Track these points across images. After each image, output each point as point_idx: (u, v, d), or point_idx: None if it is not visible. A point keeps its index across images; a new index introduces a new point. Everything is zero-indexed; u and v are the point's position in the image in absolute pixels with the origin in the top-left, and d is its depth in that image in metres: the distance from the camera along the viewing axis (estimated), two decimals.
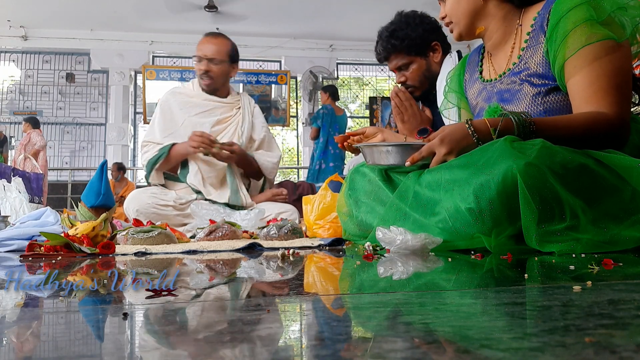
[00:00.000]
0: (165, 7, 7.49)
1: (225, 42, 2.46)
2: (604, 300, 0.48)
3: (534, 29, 1.23)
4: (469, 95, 1.47)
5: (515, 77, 1.26)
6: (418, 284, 0.70)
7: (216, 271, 0.92)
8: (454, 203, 1.01)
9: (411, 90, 1.93)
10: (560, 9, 1.15)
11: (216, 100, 2.46)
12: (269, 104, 8.85)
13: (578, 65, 1.12)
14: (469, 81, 1.48)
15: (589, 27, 1.10)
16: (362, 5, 7.34)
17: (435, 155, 1.13)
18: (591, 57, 1.10)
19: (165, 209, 2.16)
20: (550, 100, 1.21)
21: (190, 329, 0.43)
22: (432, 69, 1.90)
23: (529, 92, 1.23)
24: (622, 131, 1.11)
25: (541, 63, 1.20)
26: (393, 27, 1.87)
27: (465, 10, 1.31)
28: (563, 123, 1.10)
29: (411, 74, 1.90)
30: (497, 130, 1.08)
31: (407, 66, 1.90)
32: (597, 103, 1.10)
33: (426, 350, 0.34)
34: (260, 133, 2.52)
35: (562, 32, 1.13)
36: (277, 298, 0.59)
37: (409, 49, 1.86)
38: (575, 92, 1.14)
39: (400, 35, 1.84)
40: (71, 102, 8.84)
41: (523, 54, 1.25)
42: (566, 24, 1.12)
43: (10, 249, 1.36)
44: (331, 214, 1.70)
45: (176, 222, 2.15)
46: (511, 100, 1.27)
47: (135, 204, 2.15)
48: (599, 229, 0.94)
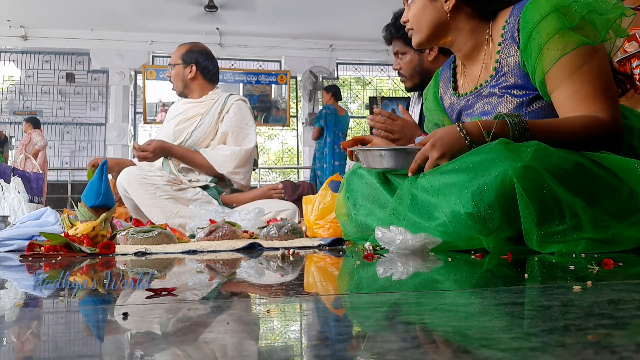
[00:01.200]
0: (165, 7, 7.48)
1: (182, 47, 2.61)
2: (604, 300, 0.48)
3: (505, 39, 1.20)
4: (446, 107, 1.45)
5: (494, 89, 1.23)
6: (418, 283, 0.70)
7: (216, 271, 0.92)
8: (452, 207, 1.01)
9: (403, 79, 2.03)
10: (529, 20, 1.12)
11: (190, 102, 2.59)
12: (269, 104, 8.85)
13: (559, 77, 1.09)
14: (444, 96, 1.46)
15: (562, 36, 1.07)
16: (362, 5, 7.33)
17: (429, 160, 1.12)
18: (570, 66, 1.08)
19: (153, 179, 2.23)
20: (535, 109, 1.19)
21: (190, 329, 0.43)
22: (424, 66, 1.96)
23: (512, 102, 1.21)
24: (617, 134, 1.09)
25: (518, 74, 1.18)
26: (397, 14, 1.94)
27: (429, 21, 1.27)
28: (557, 126, 1.09)
29: (405, 64, 1.98)
30: (491, 133, 1.07)
31: (403, 55, 1.98)
32: (586, 109, 1.08)
33: (426, 350, 0.34)
34: (223, 127, 2.52)
35: (537, 46, 1.10)
36: (277, 298, 0.59)
37: (405, 39, 1.90)
38: (561, 102, 1.11)
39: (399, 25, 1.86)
40: (71, 102, 8.84)
41: (498, 66, 1.22)
42: (539, 37, 1.10)
43: (10, 249, 1.36)
44: (331, 214, 1.70)
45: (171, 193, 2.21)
46: (493, 112, 1.24)
47: (124, 178, 2.23)
48: (600, 228, 0.94)
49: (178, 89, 2.58)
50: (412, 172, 1.16)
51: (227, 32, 8.36)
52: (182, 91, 2.58)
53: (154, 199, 2.15)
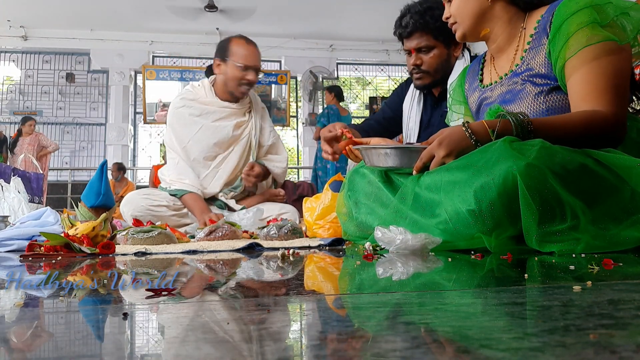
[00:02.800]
0: (165, 7, 7.49)
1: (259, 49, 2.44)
2: (604, 300, 0.48)
3: (537, 31, 1.24)
4: (470, 103, 1.48)
5: (517, 78, 1.27)
6: (418, 283, 0.70)
7: (216, 271, 0.92)
8: (454, 205, 1.01)
9: (421, 76, 1.84)
10: (564, 12, 1.16)
11: (232, 107, 2.40)
12: (269, 104, 8.85)
13: (577, 65, 1.13)
14: (469, 90, 1.50)
15: (591, 29, 1.11)
16: (362, 5, 7.34)
17: (435, 158, 1.13)
18: (591, 56, 1.12)
19: (159, 210, 2.14)
20: (552, 99, 1.21)
21: (190, 329, 0.43)
22: (450, 62, 1.84)
23: (531, 91, 1.23)
24: (617, 129, 1.12)
25: (543, 64, 1.21)
26: (429, 4, 1.75)
27: (471, 11, 1.31)
28: (560, 122, 1.11)
29: (430, 59, 1.80)
30: (495, 131, 1.08)
31: (429, 49, 1.79)
32: (593, 101, 1.11)
33: (426, 350, 0.34)
34: (268, 138, 2.48)
35: (565, 34, 1.14)
36: (277, 298, 0.59)
37: (438, 32, 1.75)
38: (574, 90, 1.15)
39: (436, 15, 1.72)
40: (71, 102, 8.84)
41: (525, 55, 1.26)
42: (569, 26, 1.14)
43: (10, 249, 1.36)
44: (331, 214, 1.70)
45: (172, 222, 2.13)
46: (513, 101, 1.27)
47: (130, 207, 2.14)
48: (599, 229, 0.94)
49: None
50: (417, 171, 1.16)
51: (227, 32, 8.34)
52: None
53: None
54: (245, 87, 2.34)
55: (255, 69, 2.33)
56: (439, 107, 1.91)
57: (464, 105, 1.53)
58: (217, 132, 2.31)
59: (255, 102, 2.49)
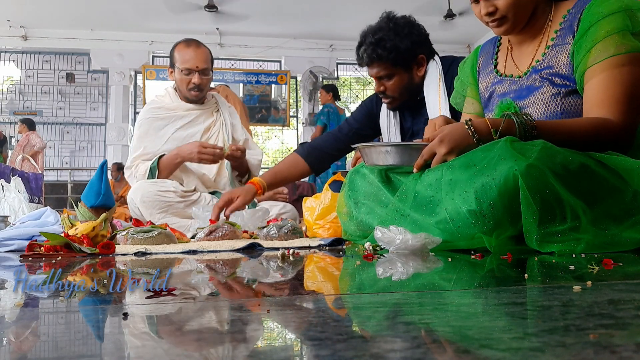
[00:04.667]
0: (165, 7, 7.48)
1: (207, 50, 2.39)
2: (604, 300, 0.48)
3: (563, 27, 1.20)
4: (481, 86, 1.43)
5: (536, 75, 1.23)
6: (418, 283, 0.70)
7: (216, 271, 0.92)
8: (454, 204, 1.01)
9: (389, 100, 1.85)
10: (595, 13, 1.11)
11: (197, 108, 2.40)
12: (269, 104, 8.85)
13: (598, 70, 1.10)
14: (481, 72, 1.44)
15: (621, 37, 1.08)
16: (362, 5, 7.33)
17: (436, 155, 1.12)
18: (614, 64, 1.08)
19: (167, 195, 2.14)
20: (568, 102, 1.19)
21: (190, 329, 0.43)
22: (414, 82, 1.81)
23: (548, 91, 1.20)
24: (624, 140, 1.10)
25: (565, 64, 1.18)
26: (380, 35, 1.73)
27: (528, 7, 1.22)
28: (565, 128, 1.09)
29: (392, 86, 1.80)
30: (498, 131, 1.08)
31: (390, 77, 1.79)
32: (606, 109, 1.09)
33: (426, 350, 0.34)
34: (242, 134, 2.50)
35: (592, 39, 1.10)
36: (277, 298, 0.59)
37: (394, 61, 1.75)
38: (589, 95, 1.12)
39: (388, 46, 1.72)
40: (71, 102, 8.84)
41: (548, 52, 1.22)
42: (598, 31, 1.10)
43: (10, 249, 1.36)
44: (331, 214, 1.71)
45: (181, 210, 2.14)
46: (527, 98, 1.24)
47: (139, 194, 2.13)
48: (600, 230, 0.94)
49: (204, 94, 2.39)
50: (418, 168, 1.16)
51: (227, 32, 8.36)
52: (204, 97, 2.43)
53: (166, 217, 2.08)
54: (194, 91, 2.33)
55: (200, 71, 2.29)
56: (419, 114, 1.88)
57: (469, 84, 1.47)
58: (185, 142, 2.28)
59: (221, 102, 2.50)
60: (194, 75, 2.29)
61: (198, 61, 2.29)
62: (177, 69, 2.33)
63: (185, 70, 2.29)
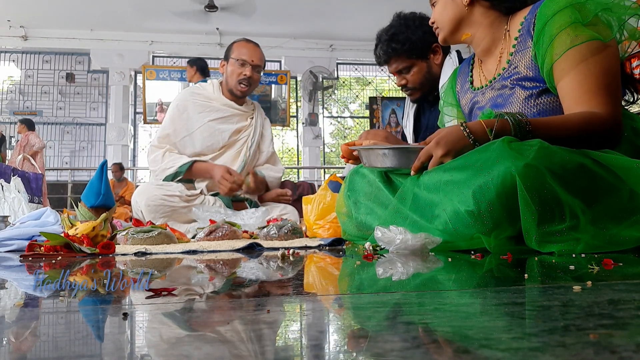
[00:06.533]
0: (165, 7, 7.49)
1: (263, 53, 2.48)
2: (604, 300, 0.48)
3: (522, 33, 1.23)
4: (462, 104, 1.48)
5: (506, 82, 1.26)
6: (418, 283, 0.70)
7: (216, 271, 0.92)
8: (453, 205, 1.01)
9: (411, 92, 1.95)
10: (545, 13, 1.15)
11: (235, 108, 2.43)
12: (269, 104, 8.84)
13: (566, 68, 1.12)
14: (460, 92, 1.49)
15: (574, 29, 1.10)
16: (362, 5, 7.34)
17: (433, 157, 1.12)
18: (578, 58, 1.11)
19: (172, 200, 2.15)
20: (542, 102, 1.21)
21: (190, 329, 0.43)
22: (433, 71, 1.90)
23: (521, 95, 1.23)
24: (615, 130, 1.11)
25: (530, 66, 1.21)
26: (393, 31, 1.85)
27: (450, 17, 1.33)
28: (558, 123, 1.10)
29: (412, 77, 1.90)
30: (493, 130, 1.08)
31: (409, 69, 1.89)
32: (587, 103, 1.10)
33: (426, 350, 0.34)
34: (269, 147, 2.52)
35: (549, 37, 1.13)
36: (277, 298, 0.59)
37: (409, 52, 1.85)
38: (565, 94, 1.14)
39: (401, 39, 1.83)
40: (71, 102, 8.84)
41: (512, 58, 1.25)
42: (552, 28, 1.13)
43: (10, 249, 1.36)
44: (331, 214, 1.71)
45: (183, 215, 2.14)
46: (504, 105, 1.27)
47: (144, 197, 2.13)
48: (599, 229, 0.94)
49: (251, 92, 2.43)
50: (415, 171, 1.16)
51: (227, 32, 8.36)
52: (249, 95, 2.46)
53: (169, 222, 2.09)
54: (243, 85, 2.36)
55: (253, 65, 2.36)
56: (434, 109, 1.95)
57: (455, 107, 1.53)
58: (213, 135, 2.34)
59: (258, 110, 2.52)
60: (247, 67, 2.35)
61: (254, 56, 2.39)
62: (231, 60, 2.39)
63: (241, 60, 2.36)
